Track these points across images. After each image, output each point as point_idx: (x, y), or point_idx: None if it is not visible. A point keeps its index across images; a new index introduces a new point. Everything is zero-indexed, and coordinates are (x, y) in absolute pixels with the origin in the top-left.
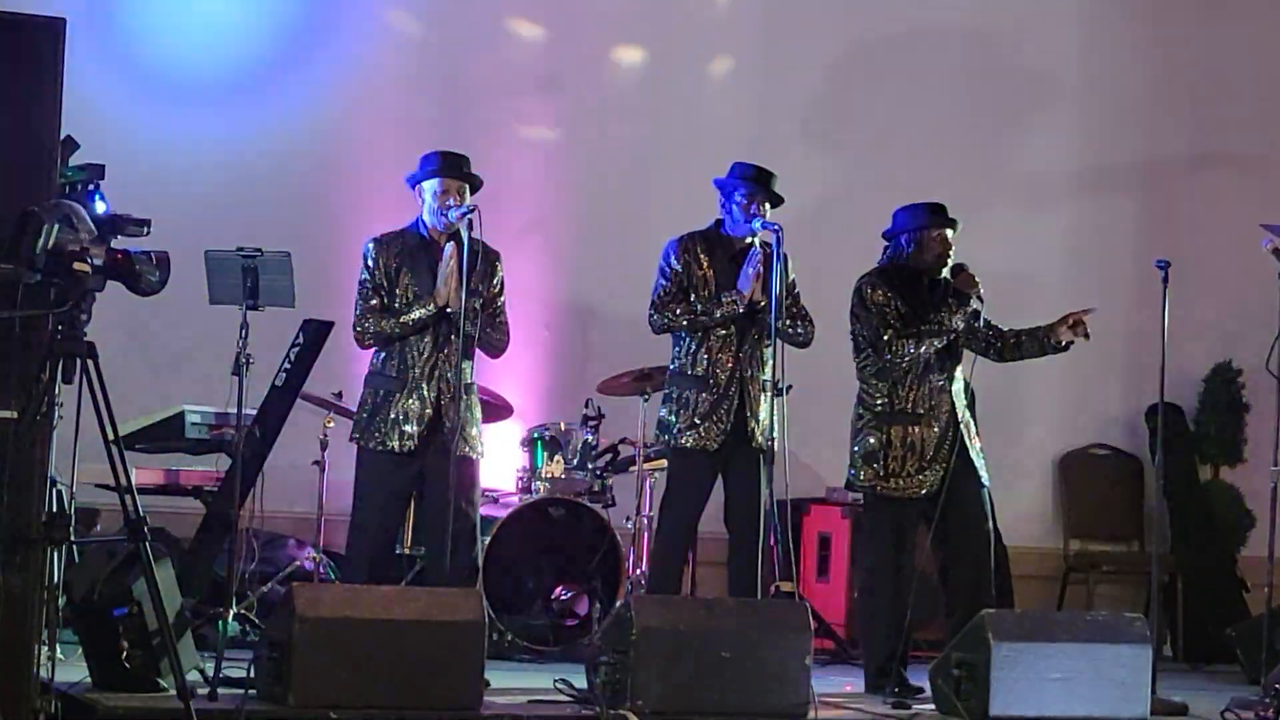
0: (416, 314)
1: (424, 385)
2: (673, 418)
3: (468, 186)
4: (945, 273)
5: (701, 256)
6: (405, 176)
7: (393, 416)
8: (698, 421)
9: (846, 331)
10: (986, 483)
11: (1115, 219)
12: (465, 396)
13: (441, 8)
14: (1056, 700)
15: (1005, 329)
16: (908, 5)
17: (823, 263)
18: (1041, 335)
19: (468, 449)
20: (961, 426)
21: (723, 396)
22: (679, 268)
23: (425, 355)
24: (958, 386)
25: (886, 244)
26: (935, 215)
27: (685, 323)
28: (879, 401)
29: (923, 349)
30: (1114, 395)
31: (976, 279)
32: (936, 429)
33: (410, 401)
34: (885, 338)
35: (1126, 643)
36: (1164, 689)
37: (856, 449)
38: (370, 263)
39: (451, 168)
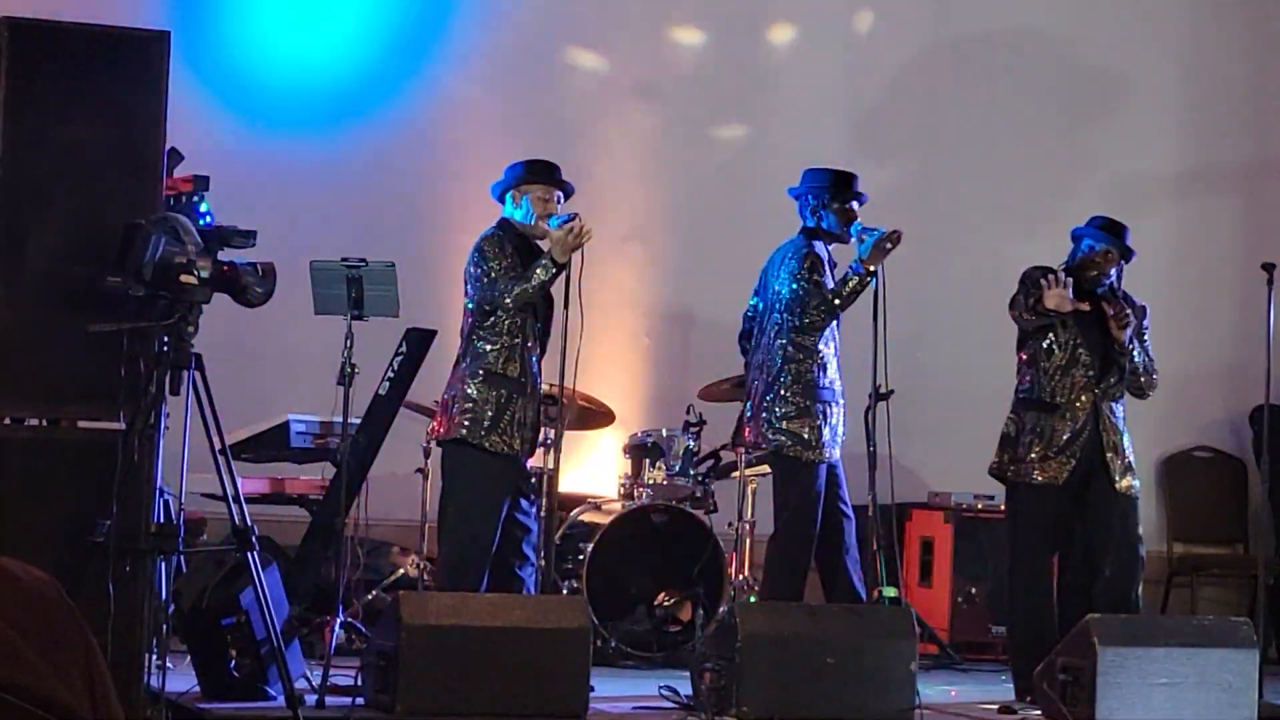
0: (540, 276)
1: (537, 390)
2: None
3: (562, 193)
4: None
5: (822, 266)
6: (491, 185)
7: (518, 418)
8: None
9: (948, 331)
10: (1122, 486)
11: (1218, 221)
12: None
13: (540, 14)
14: (1163, 705)
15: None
16: (1007, 4)
17: (917, 260)
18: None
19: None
20: (1103, 431)
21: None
22: (817, 278)
23: (537, 358)
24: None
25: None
26: (1111, 235)
27: (822, 317)
28: (1022, 388)
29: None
30: (1217, 397)
31: (1124, 320)
32: (1071, 422)
33: (530, 405)
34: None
35: (1233, 647)
36: (1271, 693)
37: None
38: (494, 248)
39: (549, 174)
